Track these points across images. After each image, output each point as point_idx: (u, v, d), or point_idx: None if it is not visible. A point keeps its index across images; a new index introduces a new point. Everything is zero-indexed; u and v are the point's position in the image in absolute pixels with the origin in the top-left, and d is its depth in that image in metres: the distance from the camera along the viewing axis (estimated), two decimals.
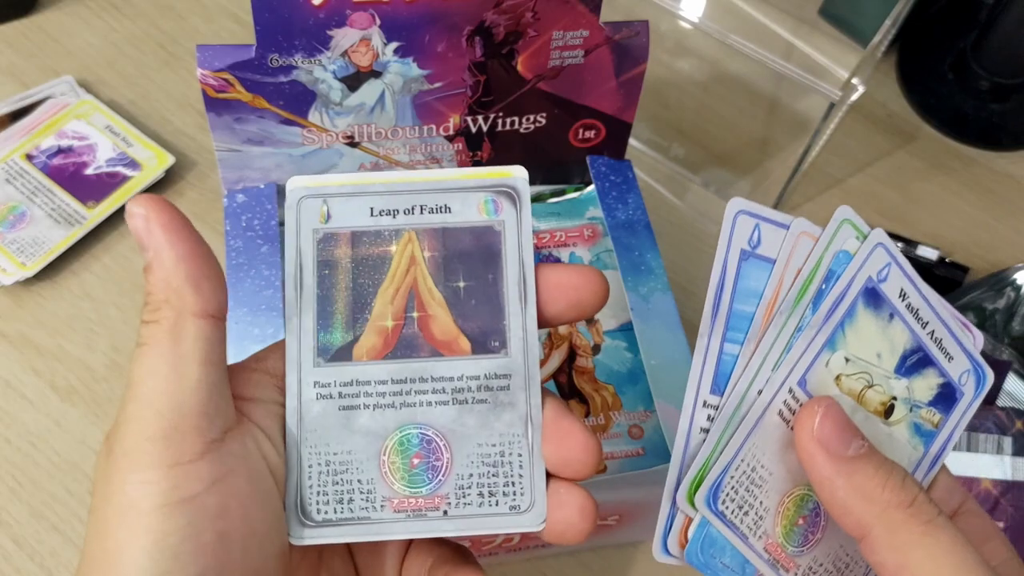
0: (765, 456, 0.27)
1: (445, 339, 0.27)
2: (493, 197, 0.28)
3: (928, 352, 0.28)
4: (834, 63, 0.52)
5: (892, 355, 0.27)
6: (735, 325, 0.27)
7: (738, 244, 0.27)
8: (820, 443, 0.25)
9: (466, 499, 0.26)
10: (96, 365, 0.51)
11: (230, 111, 0.42)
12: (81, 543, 0.46)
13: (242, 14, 0.65)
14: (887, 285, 0.27)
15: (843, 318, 0.27)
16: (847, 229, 0.27)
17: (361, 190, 0.28)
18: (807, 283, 0.27)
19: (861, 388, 0.27)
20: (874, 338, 0.27)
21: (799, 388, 0.27)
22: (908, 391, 0.27)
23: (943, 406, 0.28)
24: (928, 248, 0.57)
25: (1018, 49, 0.62)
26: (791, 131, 0.58)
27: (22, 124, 0.58)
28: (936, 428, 0.28)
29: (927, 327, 0.27)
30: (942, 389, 0.28)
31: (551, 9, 0.41)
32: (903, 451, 0.27)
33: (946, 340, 0.28)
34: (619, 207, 0.45)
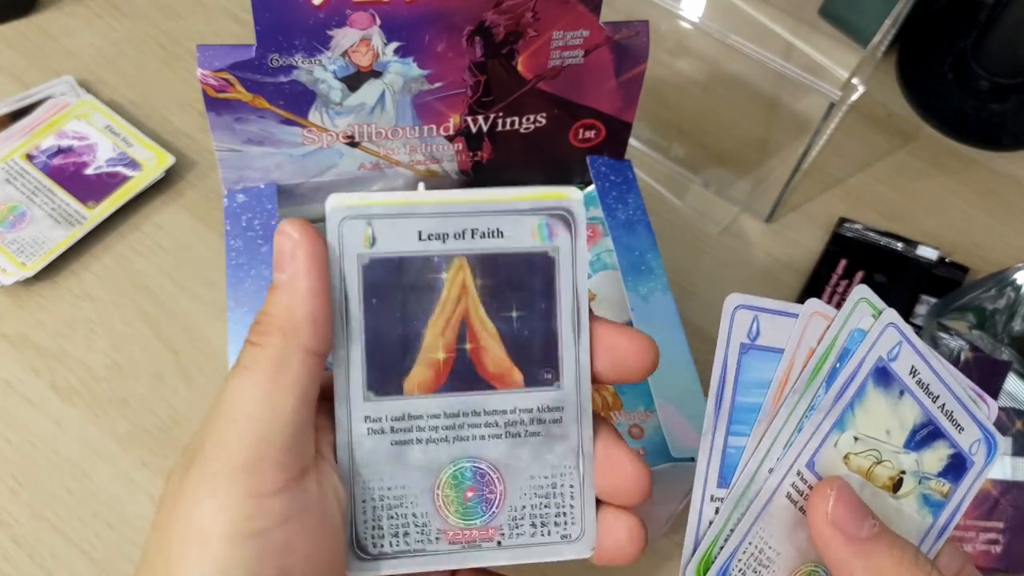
0: (773, 537, 0.27)
1: (498, 371, 0.27)
2: (548, 221, 0.27)
3: (938, 425, 0.28)
4: (834, 63, 0.52)
5: (902, 431, 0.28)
6: (739, 418, 0.28)
7: (737, 338, 0.28)
8: (835, 526, 0.26)
9: (519, 530, 0.27)
10: (96, 365, 0.51)
11: (230, 111, 0.42)
12: (81, 543, 0.46)
13: (242, 14, 0.65)
14: (897, 363, 0.28)
15: (853, 398, 0.27)
16: (863, 307, 0.28)
17: (408, 211, 0.26)
18: (822, 361, 0.27)
19: (870, 465, 0.27)
20: (884, 416, 0.27)
21: (807, 470, 0.27)
22: (917, 464, 0.28)
23: (953, 476, 0.28)
24: (928, 248, 0.57)
25: (1018, 49, 0.62)
26: (791, 131, 0.58)
27: (22, 124, 0.58)
28: (945, 498, 0.28)
29: (937, 400, 0.28)
30: (952, 460, 0.28)
31: (551, 9, 0.41)
32: (912, 523, 0.28)
33: (957, 412, 0.28)
34: (619, 207, 0.45)
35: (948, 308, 0.53)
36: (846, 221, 0.58)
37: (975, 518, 0.46)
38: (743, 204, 0.59)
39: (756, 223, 0.59)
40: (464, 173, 0.47)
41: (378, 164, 0.46)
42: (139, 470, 0.48)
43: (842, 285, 0.56)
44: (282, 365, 0.24)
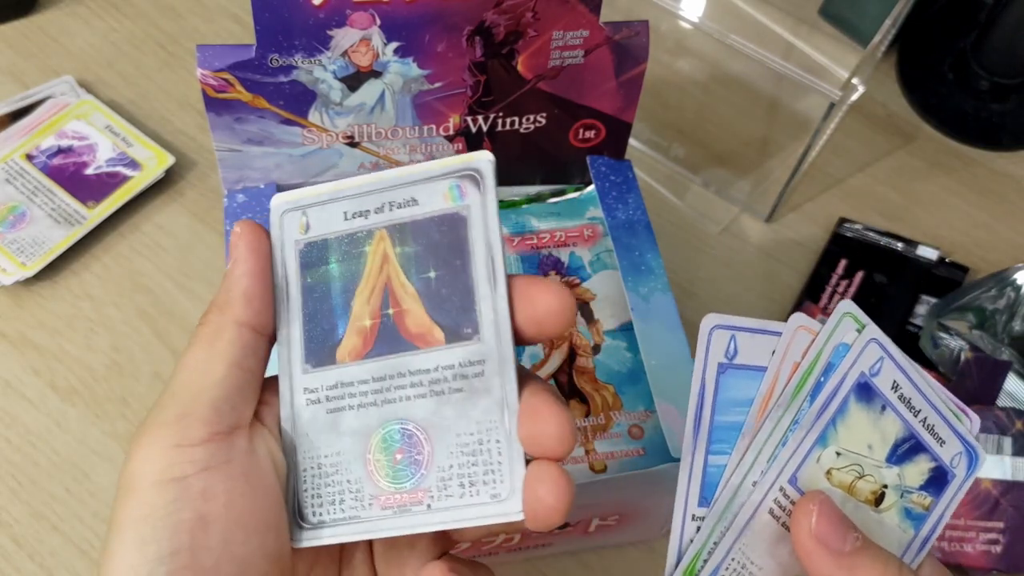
0: (755, 552, 0.27)
1: (420, 331, 0.27)
2: (457, 183, 0.27)
3: (920, 439, 0.28)
4: (834, 63, 0.52)
5: (884, 445, 0.28)
6: (719, 437, 0.28)
7: (715, 358, 0.28)
8: (819, 541, 0.26)
9: (447, 491, 0.26)
10: (96, 365, 0.51)
11: (230, 111, 0.42)
12: (81, 543, 0.46)
13: (242, 14, 0.65)
14: (880, 378, 0.28)
15: (836, 414, 0.27)
16: (848, 322, 0.28)
17: (334, 196, 0.28)
18: (806, 375, 0.28)
19: (852, 480, 0.28)
20: (865, 430, 0.28)
21: (790, 485, 0.27)
22: (899, 478, 0.28)
23: (934, 489, 0.28)
24: (928, 248, 0.57)
25: (1018, 49, 0.62)
26: (791, 131, 0.58)
27: (22, 124, 0.58)
28: (927, 511, 0.28)
29: (919, 415, 0.28)
30: (933, 473, 0.28)
31: (551, 9, 0.41)
32: (893, 536, 0.28)
33: (939, 426, 0.28)
34: (619, 207, 0.45)
35: (948, 308, 0.53)
36: (846, 221, 0.58)
37: (975, 518, 0.46)
38: (743, 204, 0.59)
39: (756, 223, 0.59)
40: None
41: (378, 164, 0.46)
42: None
43: (842, 285, 0.56)
44: (215, 336, 0.27)
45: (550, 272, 0.45)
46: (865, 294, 0.55)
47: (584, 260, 0.45)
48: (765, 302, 0.56)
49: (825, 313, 0.54)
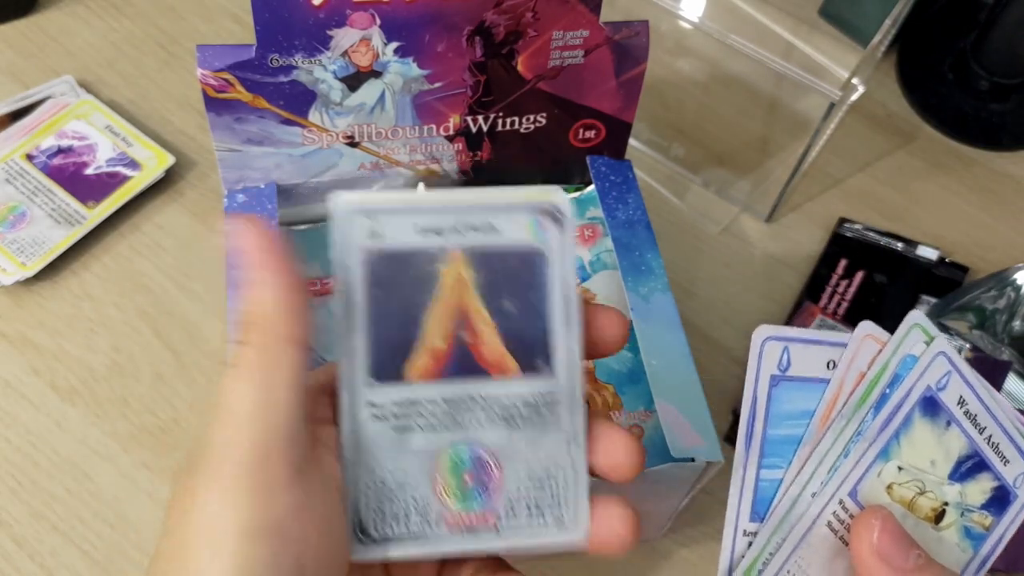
0: (812, 566, 0.27)
1: (494, 360, 0.27)
2: (539, 218, 0.28)
3: (984, 457, 0.28)
4: (834, 63, 0.52)
5: (947, 462, 0.27)
6: (771, 451, 0.28)
7: (767, 371, 0.28)
8: (881, 557, 0.26)
9: (515, 515, 0.27)
10: (96, 365, 0.51)
11: (230, 111, 0.42)
12: (81, 543, 0.46)
13: (242, 14, 0.65)
14: (946, 393, 0.27)
15: (900, 427, 0.27)
16: (916, 333, 0.28)
17: (407, 208, 0.28)
18: (872, 385, 0.27)
19: (912, 496, 0.27)
20: (929, 446, 0.27)
21: (850, 499, 0.27)
22: (961, 496, 0.28)
23: (995, 508, 0.28)
24: (928, 248, 0.57)
25: (1018, 49, 0.62)
26: (791, 131, 0.58)
27: (22, 124, 0.58)
28: (987, 531, 0.28)
29: (984, 432, 0.28)
30: (995, 492, 0.28)
31: (551, 9, 0.41)
32: (952, 555, 0.27)
33: (1003, 444, 0.28)
34: (619, 207, 0.45)
35: (948, 308, 0.53)
36: (846, 221, 0.58)
37: None
38: (743, 204, 0.59)
39: (756, 223, 0.59)
40: (464, 173, 0.47)
41: (378, 164, 0.46)
42: (139, 470, 0.48)
43: (842, 285, 0.56)
44: (271, 360, 0.25)
45: None
46: (865, 294, 0.55)
47: (584, 260, 0.45)
48: (765, 302, 0.56)
49: (825, 313, 0.54)
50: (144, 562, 0.46)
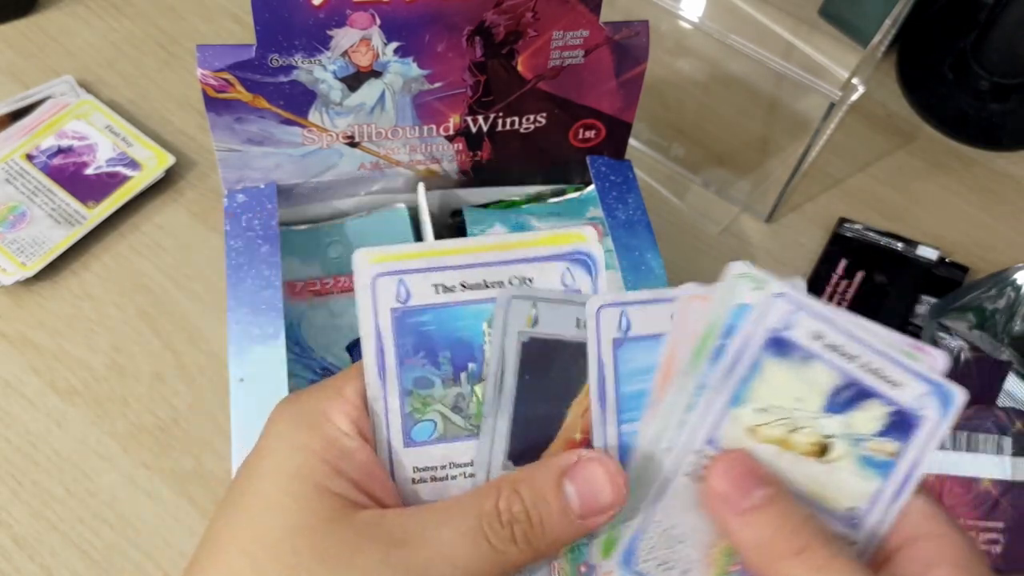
0: (683, 514, 0.27)
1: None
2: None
3: (864, 384, 0.27)
4: (834, 63, 0.52)
5: (817, 396, 0.27)
6: (627, 407, 0.28)
7: (608, 336, 0.28)
8: (720, 498, 0.26)
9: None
10: (96, 365, 0.51)
11: (230, 111, 0.42)
12: (81, 543, 0.46)
13: (242, 14, 0.65)
14: (795, 331, 0.27)
15: (748, 372, 0.27)
16: (743, 283, 0.27)
17: (569, 299, 0.28)
18: (704, 339, 0.27)
19: (783, 433, 0.27)
20: (789, 384, 0.27)
21: (709, 447, 0.27)
22: (847, 426, 0.27)
23: (897, 434, 0.27)
24: (928, 248, 0.57)
25: (1018, 49, 0.62)
26: (791, 131, 0.58)
27: (22, 124, 0.58)
28: (893, 457, 0.27)
29: (856, 360, 0.27)
30: (893, 418, 0.27)
31: (551, 9, 0.41)
32: (852, 486, 0.27)
33: (886, 368, 0.27)
34: (619, 207, 0.45)
35: (948, 308, 0.53)
36: (846, 221, 0.58)
37: (975, 518, 0.46)
38: (743, 204, 0.59)
39: (756, 223, 0.59)
40: (464, 173, 0.47)
41: (378, 164, 0.46)
42: (139, 470, 0.48)
43: (842, 285, 0.56)
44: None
45: None
46: (865, 294, 0.55)
47: None
48: None
49: None
50: (143, 562, 0.46)
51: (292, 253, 0.45)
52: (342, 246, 0.46)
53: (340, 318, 0.43)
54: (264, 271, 0.41)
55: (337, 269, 0.45)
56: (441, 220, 0.48)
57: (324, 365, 0.42)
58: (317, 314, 0.44)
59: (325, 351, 0.43)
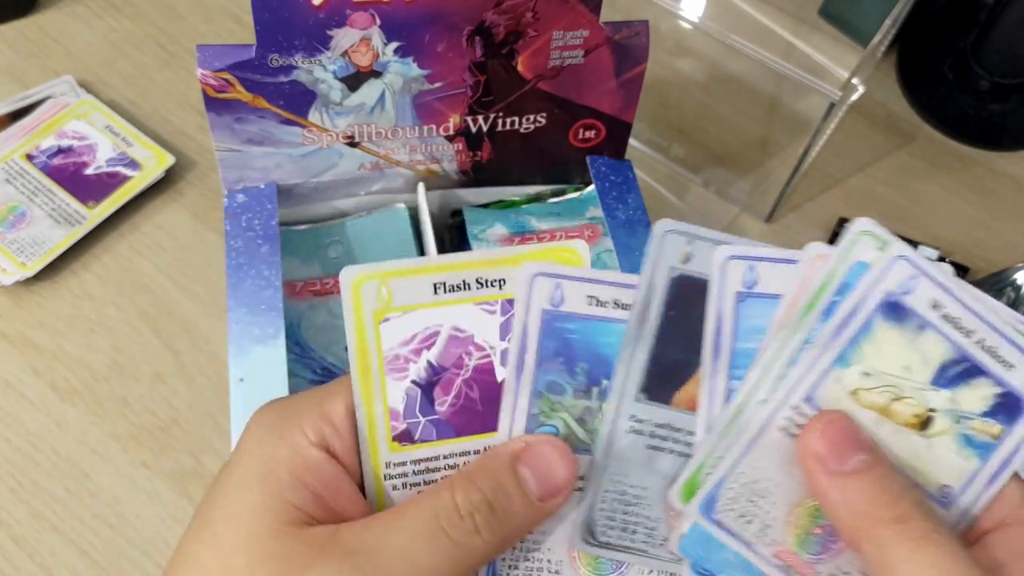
0: (771, 469, 0.27)
1: None
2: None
3: (976, 361, 0.26)
4: (834, 63, 0.52)
5: (926, 367, 0.26)
6: (740, 363, 0.27)
7: (732, 289, 0.27)
8: (815, 457, 0.25)
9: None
10: (96, 365, 0.51)
11: (230, 111, 0.42)
12: (81, 543, 0.46)
13: (242, 14, 0.65)
14: (913, 297, 0.26)
15: (858, 333, 0.26)
16: (867, 241, 0.27)
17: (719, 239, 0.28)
18: (817, 294, 0.27)
19: (887, 401, 0.26)
20: (899, 351, 0.26)
21: (806, 404, 0.26)
22: (952, 402, 0.26)
23: (1004, 417, 0.26)
24: (928, 248, 0.57)
25: (1018, 49, 0.62)
26: (791, 131, 0.58)
27: (22, 124, 0.58)
28: (996, 440, 0.26)
29: (972, 335, 0.26)
30: (1001, 399, 0.26)
31: (551, 9, 0.41)
32: (949, 463, 0.26)
33: (1003, 348, 0.26)
34: (619, 207, 0.45)
35: None
36: (846, 221, 0.58)
37: None
38: (743, 204, 0.59)
39: (756, 223, 0.59)
40: (464, 173, 0.47)
41: (378, 164, 0.46)
42: (139, 470, 0.48)
43: None
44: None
45: None
46: None
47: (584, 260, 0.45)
48: None
49: None
50: (143, 561, 0.46)
51: (292, 253, 0.45)
52: (342, 246, 0.46)
53: (340, 318, 0.43)
54: (264, 271, 0.41)
55: (337, 269, 0.45)
56: (441, 220, 0.48)
57: (324, 365, 0.42)
58: (317, 314, 0.44)
59: (325, 351, 0.43)
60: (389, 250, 0.46)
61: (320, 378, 0.42)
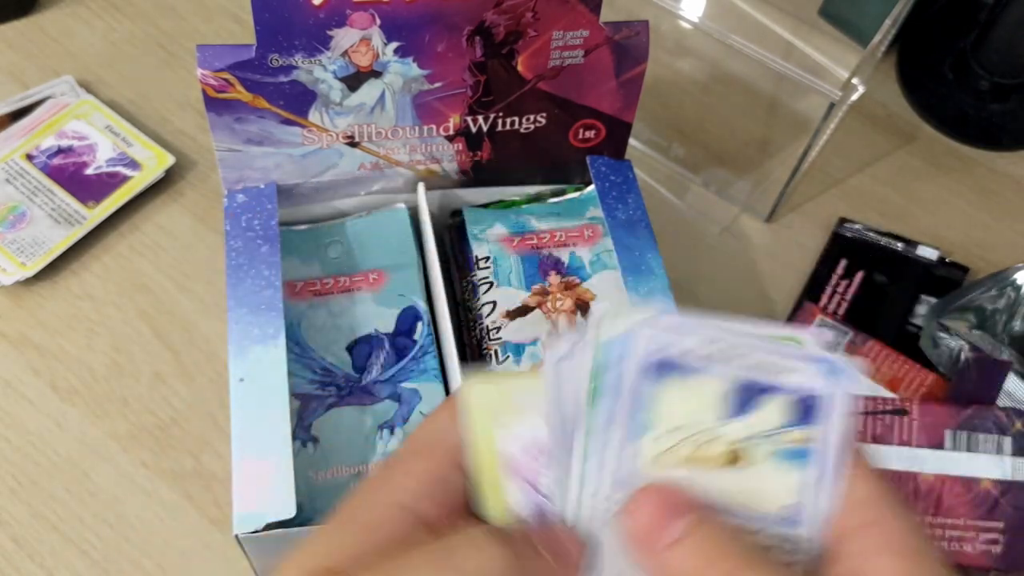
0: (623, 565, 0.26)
1: None
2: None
3: (754, 382, 0.26)
4: (834, 63, 0.52)
5: (711, 407, 0.26)
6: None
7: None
8: (638, 541, 0.25)
9: None
10: (96, 365, 0.51)
11: (230, 111, 0.42)
12: (81, 543, 0.46)
13: (242, 14, 0.65)
14: (672, 350, 0.26)
15: (634, 405, 0.26)
16: (607, 323, 0.26)
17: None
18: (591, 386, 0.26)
19: (689, 453, 0.26)
20: (680, 403, 0.26)
21: (619, 491, 0.25)
22: (750, 428, 0.26)
23: (803, 418, 0.26)
24: (928, 248, 0.57)
25: (1018, 49, 0.62)
26: (791, 131, 0.58)
27: (22, 124, 0.58)
28: (806, 444, 0.26)
29: (737, 361, 0.26)
30: (797, 405, 0.26)
31: (551, 9, 0.41)
32: (775, 485, 0.26)
33: (768, 360, 0.26)
34: (619, 207, 0.45)
35: (948, 308, 0.53)
36: (846, 221, 0.58)
37: (974, 518, 0.46)
38: (743, 204, 0.59)
39: (756, 223, 0.59)
40: (464, 173, 0.47)
41: (378, 164, 0.46)
42: (139, 469, 0.48)
43: (842, 285, 0.56)
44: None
45: (550, 272, 0.45)
46: (865, 294, 0.55)
47: (584, 260, 0.45)
48: (765, 302, 0.56)
49: (825, 313, 0.54)
50: (143, 561, 0.46)
51: (292, 253, 0.45)
52: (342, 246, 0.46)
53: (340, 318, 0.43)
54: (264, 271, 0.41)
55: (337, 269, 0.45)
56: (441, 220, 0.48)
57: (324, 365, 0.42)
58: (317, 314, 0.44)
59: (325, 351, 0.43)
60: (389, 250, 0.46)
61: (320, 378, 0.42)
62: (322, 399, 0.41)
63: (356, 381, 0.42)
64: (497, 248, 0.45)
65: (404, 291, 0.44)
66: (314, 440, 0.40)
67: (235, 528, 0.35)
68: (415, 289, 0.45)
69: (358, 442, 0.40)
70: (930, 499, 0.46)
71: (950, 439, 0.47)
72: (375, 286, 0.44)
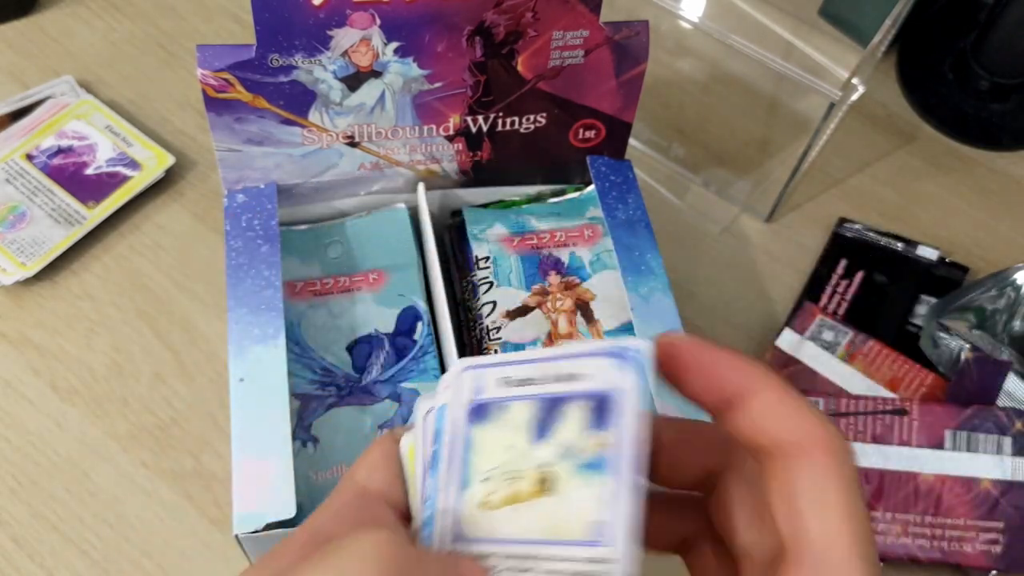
0: None
1: None
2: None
3: (552, 397, 0.25)
4: (834, 63, 0.52)
5: (522, 433, 0.25)
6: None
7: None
8: None
9: None
10: (96, 365, 0.51)
11: (230, 111, 0.42)
12: (81, 543, 0.46)
13: (242, 14, 0.65)
14: (485, 393, 0.25)
15: (463, 455, 0.25)
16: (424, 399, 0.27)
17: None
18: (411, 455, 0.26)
19: (508, 488, 0.24)
20: (498, 439, 0.25)
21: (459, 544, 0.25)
22: (559, 444, 0.24)
23: (600, 420, 0.24)
24: (928, 248, 0.57)
25: (1018, 49, 0.62)
26: (791, 131, 0.58)
27: (22, 124, 0.58)
28: (608, 447, 0.23)
29: (534, 382, 0.25)
30: (592, 409, 0.24)
31: (551, 9, 0.41)
32: (585, 503, 0.23)
33: (560, 372, 0.25)
34: (619, 207, 0.45)
35: (948, 308, 0.53)
36: (846, 221, 0.58)
37: (974, 518, 0.46)
38: (743, 204, 0.59)
39: (756, 223, 0.59)
40: (464, 173, 0.47)
41: (378, 164, 0.46)
42: (138, 469, 0.48)
43: (842, 285, 0.56)
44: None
45: (550, 272, 0.45)
46: (865, 294, 0.55)
47: (584, 260, 0.45)
48: (765, 302, 0.56)
49: (825, 313, 0.54)
50: (143, 561, 0.46)
51: (292, 253, 0.45)
52: (342, 246, 0.46)
53: (340, 318, 0.43)
54: (264, 271, 0.41)
55: (337, 269, 0.45)
56: (441, 220, 0.48)
57: (324, 365, 0.42)
58: (317, 314, 0.44)
59: (325, 351, 0.43)
60: (389, 250, 0.46)
61: (320, 378, 0.42)
62: (322, 399, 0.41)
63: (356, 381, 0.42)
64: (497, 248, 0.45)
65: (404, 291, 0.44)
66: (314, 440, 0.40)
67: (235, 528, 0.35)
68: (415, 289, 0.45)
69: (358, 442, 0.40)
70: (930, 499, 0.46)
71: (950, 439, 0.47)
72: (375, 286, 0.44)
